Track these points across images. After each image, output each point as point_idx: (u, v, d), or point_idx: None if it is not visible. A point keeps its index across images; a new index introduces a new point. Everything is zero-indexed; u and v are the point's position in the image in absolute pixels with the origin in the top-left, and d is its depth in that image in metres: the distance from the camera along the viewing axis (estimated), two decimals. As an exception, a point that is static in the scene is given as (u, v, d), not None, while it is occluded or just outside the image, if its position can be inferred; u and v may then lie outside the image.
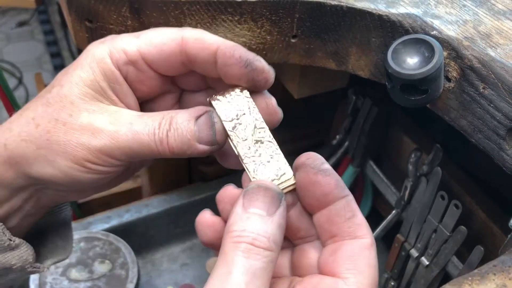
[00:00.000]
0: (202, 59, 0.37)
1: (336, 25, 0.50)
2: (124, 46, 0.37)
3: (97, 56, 0.37)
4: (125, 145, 0.36)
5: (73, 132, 0.36)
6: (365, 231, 0.34)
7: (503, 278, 0.33)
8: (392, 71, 0.43)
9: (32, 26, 2.59)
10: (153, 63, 0.38)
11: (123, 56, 0.37)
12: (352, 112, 0.85)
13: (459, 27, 0.45)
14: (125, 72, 0.38)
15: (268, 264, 0.31)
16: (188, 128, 0.36)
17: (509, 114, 0.41)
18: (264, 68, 0.37)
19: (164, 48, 0.37)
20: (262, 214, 0.32)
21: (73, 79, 0.36)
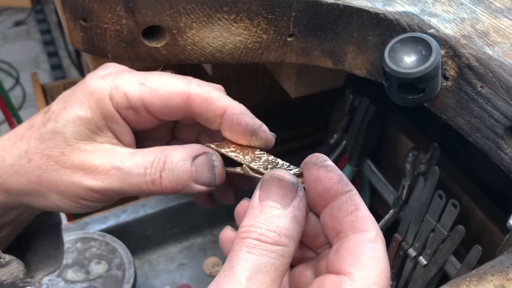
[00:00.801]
0: (206, 118, 0.38)
1: (332, 23, 0.50)
2: (126, 91, 0.36)
3: (97, 95, 0.36)
4: (116, 185, 0.36)
5: (65, 171, 0.36)
6: (369, 224, 0.32)
7: (501, 278, 0.32)
8: (389, 69, 0.43)
9: (29, 26, 2.58)
10: (155, 112, 0.38)
11: (125, 101, 0.37)
12: (350, 111, 0.85)
13: (456, 25, 0.45)
14: (124, 115, 0.37)
15: (277, 259, 0.30)
16: (184, 168, 0.36)
17: (506, 112, 0.41)
18: (267, 138, 0.38)
19: (169, 102, 0.37)
20: (276, 207, 0.31)
21: (69, 116, 0.36)
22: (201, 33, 0.49)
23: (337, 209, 0.33)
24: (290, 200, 0.32)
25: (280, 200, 0.32)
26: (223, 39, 0.50)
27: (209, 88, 0.38)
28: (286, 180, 0.33)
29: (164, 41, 0.49)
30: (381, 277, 0.31)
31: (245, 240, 0.31)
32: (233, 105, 0.37)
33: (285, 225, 0.31)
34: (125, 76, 0.37)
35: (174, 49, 0.50)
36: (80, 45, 0.50)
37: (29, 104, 2.10)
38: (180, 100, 0.37)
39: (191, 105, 0.37)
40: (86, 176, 0.36)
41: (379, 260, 0.31)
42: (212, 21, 0.48)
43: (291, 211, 0.32)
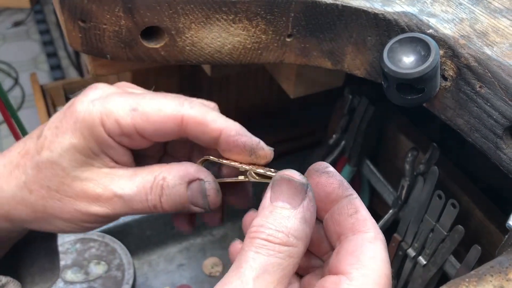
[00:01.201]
0: (201, 140, 0.38)
1: (331, 24, 0.50)
2: (118, 117, 0.36)
3: (88, 122, 0.36)
4: (120, 211, 0.37)
5: (68, 199, 0.37)
6: (368, 226, 0.33)
7: (501, 279, 0.32)
8: (388, 70, 0.43)
9: (28, 26, 2.58)
10: (148, 137, 0.37)
11: (117, 128, 0.36)
12: (349, 111, 0.85)
13: (455, 25, 0.45)
14: (118, 140, 0.37)
15: (285, 260, 0.31)
16: (180, 193, 0.37)
17: (505, 113, 0.41)
18: (266, 155, 0.37)
19: (162, 127, 0.37)
20: (285, 207, 0.32)
21: (64, 145, 0.36)
22: (200, 34, 0.49)
23: (338, 213, 0.34)
24: (300, 200, 0.32)
25: (290, 201, 0.32)
26: (222, 40, 0.50)
27: (202, 109, 0.37)
28: (296, 180, 0.33)
29: (163, 41, 0.49)
30: (380, 277, 0.31)
31: (254, 240, 0.31)
32: (228, 126, 0.37)
33: (294, 225, 0.31)
34: (116, 100, 0.36)
35: (173, 50, 0.50)
36: (78, 46, 0.50)
37: (29, 104, 2.10)
38: (173, 124, 0.37)
39: (185, 129, 0.37)
40: (90, 204, 0.37)
41: (378, 260, 0.31)
42: (211, 22, 0.48)
43: (300, 211, 0.32)
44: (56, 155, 0.36)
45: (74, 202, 0.37)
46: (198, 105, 0.37)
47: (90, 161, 0.37)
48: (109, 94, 0.37)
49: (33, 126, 0.39)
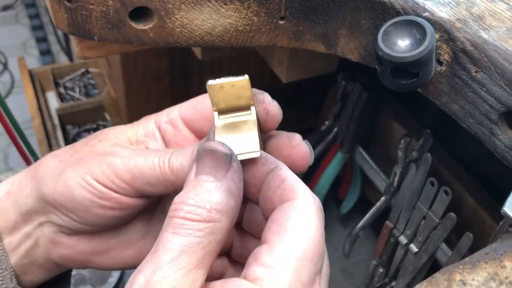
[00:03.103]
0: None
1: (325, 6, 0.49)
2: (166, 111, 0.40)
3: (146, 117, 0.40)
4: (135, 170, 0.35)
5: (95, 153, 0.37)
6: (295, 193, 0.31)
7: (495, 266, 0.32)
8: (382, 53, 0.42)
9: (17, 10, 2.54)
10: (190, 123, 0.39)
11: (164, 116, 0.39)
12: (342, 97, 0.84)
13: (451, 8, 0.44)
14: (163, 131, 0.39)
15: (205, 237, 0.29)
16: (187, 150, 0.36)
17: (501, 98, 0.40)
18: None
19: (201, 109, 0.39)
20: (209, 180, 0.30)
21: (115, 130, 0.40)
22: (190, 15, 0.48)
23: (267, 189, 0.33)
24: (224, 172, 0.30)
25: (214, 173, 0.30)
26: (212, 22, 0.49)
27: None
28: (219, 151, 0.31)
29: (152, 23, 0.48)
30: (305, 241, 0.29)
31: (172, 220, 0.29)
32: None
33: (217, 199, 0.30)
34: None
35: (162, 32, 0.48)
36: (65, 27, 0.48)
37: (18, 90, 2.07)
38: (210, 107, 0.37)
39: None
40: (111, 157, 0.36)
41: (304, 224, 0.30)
42: (201, 3, 0.47)
43: (224, 183, 0.30)
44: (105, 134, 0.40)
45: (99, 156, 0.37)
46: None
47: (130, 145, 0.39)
48: None
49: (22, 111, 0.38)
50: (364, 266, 0.94)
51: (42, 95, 1.35)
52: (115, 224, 0.39)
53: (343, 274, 0.96)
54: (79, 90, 1.42)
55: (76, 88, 1.42)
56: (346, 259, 0.90)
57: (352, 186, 0.96)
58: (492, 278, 0.31)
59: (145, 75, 0.91)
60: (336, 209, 1.01)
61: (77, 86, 1.42)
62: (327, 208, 1.00)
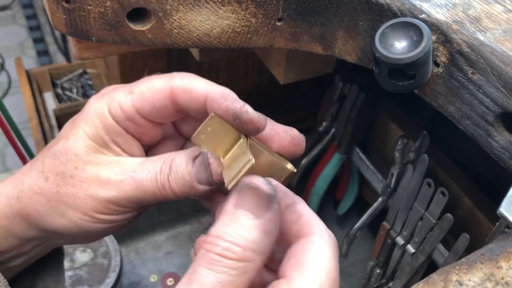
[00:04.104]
0: (193, 110, 0.37)
1: (322, 7, 0.49)
2: (120, 102, 0.38)
3: (98, 111, 0.38)
4: (131, 194, 0.37)
5: (81, 184, 0.37)
6: (312, 229, 0.32)
7: (491, 267, 0.32)
8: (379, 55, 0.42)
9: (14, 10, 2.54)
10: (149, 116, 0.38)
11: (120, 112, 0.38)
12: (339, 98, 0.84)
13: (448, 10, 0.44)
14: (124, 126, 0.38)
15: (239, 276, 0.29)
16: (186, 170, 0.36)
17: (497, 100, 0.40)
18: (252, 120, 0.35)
19: (155, 102, 0.37)
20: (248, 216, 0.30)
21: (78, 133, 0.38)
22: (188, 16, 0.48)
23: (284, 224, 0.33)
24: (264, 211, 0.31)
25: (254, 210, 0.31)
26: (210, 23, 0.49)
27: (190, 79, 0.37)
28: (262, 190, 0.31)
29: (150, 24, 0.48)
30: (322, 276, 0.30)
31: (207, 254, 0.30)
32: (212, 90, 0.36)
33: (254, 237, 0.30)
34: (119, 90, 0.39)
35: (160, 33, 0.48)
36: (63, 28, 0.48)
37: (15, 90, 2.07)
38: (164, 97, 0.37)
39: (176, 100, 0.37)
40: (101, 188, 0.37)
41: (320, 260, 0.31)
42: (199, 4, 0.47)
43: (263, 223, 0.30)
44: (71, 142, 0.38)
45: (86, 187, 0.37)
46: (187, 75, 0.37)
47: (102, 149, 0.38)
48: (116, 87, 0.39)
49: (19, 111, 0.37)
50: (361, 266, 0.94)
51: (40, 95, 1.35)
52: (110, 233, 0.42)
53: (341, 275, 0.96)
54: (76, 90, 1.42)
55: (74, 89, 1.42)
56: (344, 260, 0.90)
57: (349, 187, 0.96)
58: (488, 279, 0.31)
59: (143, 76, 0.91)
60: (334, 210, 1.01)
61: (75, 87, 1.42)
62: (325, 209, 1.00)
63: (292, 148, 0.38)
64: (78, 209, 0.37)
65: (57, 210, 0.38)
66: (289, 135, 0.38)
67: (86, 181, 0.37)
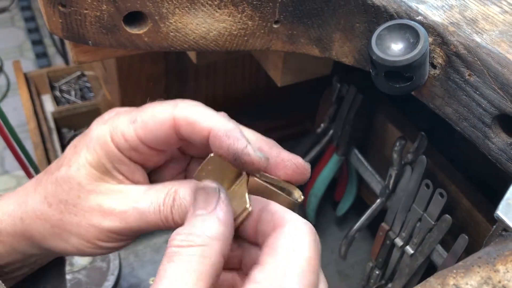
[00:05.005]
0: (196, 141, 0.37)
1: (319, 10, 0.49)
2: (123, 131, 0.37)
3: (101, 139, 0.38)
4: (133, 225, 0.37)
5: (84, 213, 0.37)
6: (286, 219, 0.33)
7: (488, 270, 0.32)
8: (376, 57, 0.42)
9: (13, 13, 2.54)
10: (152, 144, 0.38)
11: (123, 141, 0.37)
12: (337, 100, 0.84)
13: (444, 12, 0.44)
14: (128, 155, 0.38)
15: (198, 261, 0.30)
16: (191, 202, 0.36)
17: (494, 101, 0.40)
18: (253, 162, 0.35)
19: (158, 132, 0.37)
20: (201, 213, 0.33)
21: (80, 160, 0.38)
22: (184, 19, 0.48)
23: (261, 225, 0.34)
24: (214, 204, 0.33)
25: (206, 206, 0.33)
26: (207, 26, 0.49)
27: (193, 109, 0.36)
28: (208, 186, 0.34)
29: (146, 27, 0.48)
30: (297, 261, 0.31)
31: (167, 250, 0.31)
32: (216, 125, 0.35)
33: (207, 225, 0.32)
34: (122, 117, 0.38)
35: (157, 36, 0.48)
36: (59, 32, 0.48)
37: (14, 93, 2.06)
38: (167, 127, 0.36)
39: (179, 131, 0.36)
40: (104, 218, 0.37)
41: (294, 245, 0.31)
42: (196, 7, 0.47)
43: (213, 212, 0.33)
44: (73, 169, 0.38)
45: (89, 217, 0.37)
46: (190, 105, 0.37)
47: (105, 177, 0.38)
48: (119, 112, 0.39)
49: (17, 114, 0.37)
50: (360, 268, 0.94)
51: (38, 98, 1.35)
52: None
53: (340, 276, 0.96)
54: (74, 93, 1.41)
55: (72, 91, 1.41)
56: (343, 261, 0.90)
57: (348, 188, 0.96)
58: (485, 282, 0.31)
59: (140, 78, 0.91)
60: (332, 211, 1.01)
61: (73, 89, 1.42)
62: (323, 210, 1.00)
63: (297, 177, 0.39)
64: (81, 237, 0.38)
65: (60, 236, 0.38)
66: (294, 163, 0.38)
67: (89, 211, 0.37)
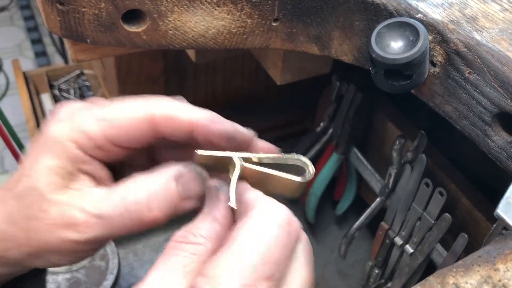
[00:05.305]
0: (176, 137, 0.36)
1: (318, 8, 0.49)
2: (87, 130, 0.34)
3: (59, 140, 0.34)
4: (101, 233, 0.35)
5: (49, 228, 0.35)
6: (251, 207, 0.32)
7: (488, 269, 0.32)
8: (375, 55, 0.42)
9: (12, 12, 2.53)
10: (123, 144, 0.35)
11: (87, 141, 0.34)
12: (336, 98, 0.84)
13: (444, 10, 0.44)
14: (93, 154, 0.35)
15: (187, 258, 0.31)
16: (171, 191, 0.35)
17: (494, 99, 0.40)
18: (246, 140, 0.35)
19: (132, 132, 0.35)
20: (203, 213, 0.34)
21: (39, 168, 0.35)
22: (183, 17, 0.47)
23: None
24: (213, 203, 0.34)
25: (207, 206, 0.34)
26: (206, 24, 0.48)
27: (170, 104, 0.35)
28: (209, 185, 0.34)
29: (145, 25, 0.47)
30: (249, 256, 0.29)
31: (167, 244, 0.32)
32: (198, 117, 0.35)
33: (202, 224, 0.32)
34: (83, 114, 0.35)
35: (155, 34, 0.48)
36: (57, 30, 0.48)
37: (13, 92, 2.06)
38: (143, 125, 0.35)
39: (157, 128, 0.35)
40: (69, 231, 0.34)
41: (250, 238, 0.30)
42: (194, 5, 0.47)
43: (211, 212, 0.33)
44: (34, 179, 0.35)
45: (55, 230, 0.35)
46: (167, 101, 0.35)
47: (67, 183, 0.35)
48: (76, 109, 0.36)
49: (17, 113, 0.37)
50: (360, 267, 0.94)
51: (37, 97, 1.35)
52: None
53: (339, 275, 0.96)
54: (73, 92, 1.41)
55: (71, 90, 1.41)
56: (342, 260, 0.90)
57: (347, 187, 0.96)
58: (485, 281, 0.31)
59: (139, 77, 0.91)
60: (332, 210, 1.01)
61: (72, 88, 1.42)
62: (323, 209, 1.00)
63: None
64: (53, 252, 0.36)
65: (33, 255, 0.36)
66: None
67: (53, 224, 0.35)
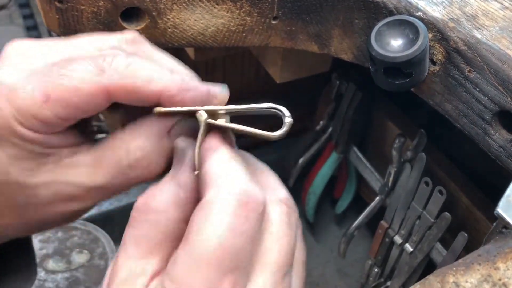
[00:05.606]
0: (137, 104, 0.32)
1: (318, 6, 0.49)
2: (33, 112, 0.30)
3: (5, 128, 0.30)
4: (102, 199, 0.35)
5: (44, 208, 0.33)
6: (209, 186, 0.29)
7: (488, 268, 0.32)
8: (375, 53, 0.42)
9: (11, 10, 2.53)
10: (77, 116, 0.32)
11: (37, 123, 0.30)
12: (336, 97, 0.84)
13: (444, 8, 0.44)
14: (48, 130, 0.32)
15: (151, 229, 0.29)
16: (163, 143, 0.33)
17: (494, 98, 0.40)
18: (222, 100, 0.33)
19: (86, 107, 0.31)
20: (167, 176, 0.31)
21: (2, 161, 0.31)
22: (182, 15, 0.47)
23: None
24: (179, 167, 0.31)
25: (173, 170, 0.31)
26: (205, 22, 0.48)
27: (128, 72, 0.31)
28: (176, 145, 0.32)
29: (144, 23, 0.47)
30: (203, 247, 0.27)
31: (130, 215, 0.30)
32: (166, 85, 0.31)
33: (166, 189, 0.30)
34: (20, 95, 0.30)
35: (154, 32, 0.48)
36: (56, 28, 0.48)
37: (12, 90, 2.06)
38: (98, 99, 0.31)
39: (114, 99, 0.31)
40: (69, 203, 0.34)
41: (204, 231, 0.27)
42: (194, 3, 0.47)
43: (175, 177, 0.30)
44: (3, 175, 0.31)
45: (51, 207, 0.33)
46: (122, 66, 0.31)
47: (40, 160, 0.32)
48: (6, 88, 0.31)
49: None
50: (359, 266, 0.94)
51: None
52: None
53: (339, 274, 0.96)
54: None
55: (70, 89, 1.41)
56: (342, 259, 0.90)
57: (347, 185, 0.96)
58: (485, 280, 0.31)
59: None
60: (331, 209, 1.01)
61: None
62: (322, 208, 1.00)
63: None
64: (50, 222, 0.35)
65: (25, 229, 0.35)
66: None
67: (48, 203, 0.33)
